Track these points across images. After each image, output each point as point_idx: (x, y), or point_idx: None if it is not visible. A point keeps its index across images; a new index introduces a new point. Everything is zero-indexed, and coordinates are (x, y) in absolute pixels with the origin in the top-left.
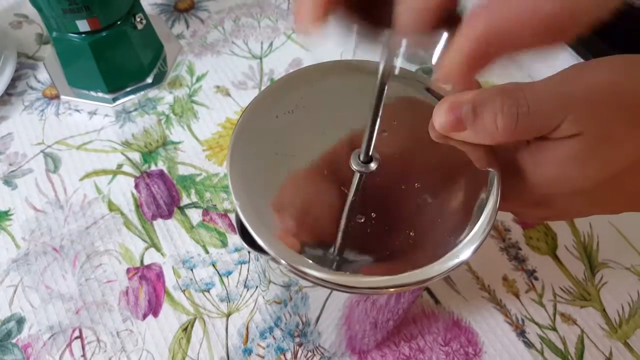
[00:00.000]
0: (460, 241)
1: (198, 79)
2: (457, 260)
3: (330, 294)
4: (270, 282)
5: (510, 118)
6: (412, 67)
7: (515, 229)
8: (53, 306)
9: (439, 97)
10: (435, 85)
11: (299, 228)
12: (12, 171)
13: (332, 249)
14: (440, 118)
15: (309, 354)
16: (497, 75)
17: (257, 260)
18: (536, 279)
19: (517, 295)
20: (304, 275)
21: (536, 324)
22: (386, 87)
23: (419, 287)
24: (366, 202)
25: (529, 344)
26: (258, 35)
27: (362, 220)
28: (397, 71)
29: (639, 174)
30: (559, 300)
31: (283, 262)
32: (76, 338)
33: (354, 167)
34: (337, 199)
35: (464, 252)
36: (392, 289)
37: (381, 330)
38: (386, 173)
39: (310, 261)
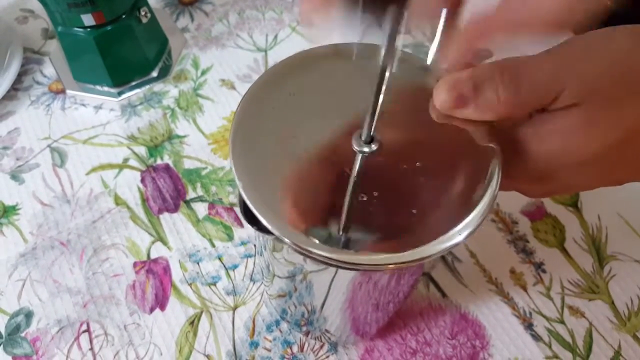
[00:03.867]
0: (461, 220)
1: (203, 73)
2: (455, 240)
3: (334, 277)
4: (274, 276)
5: (510, 92)
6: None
7: (523, 222)
8: (61, 300)
9: (438, 78)
10: (435, 64)
11: (301, 208)
12: (19, 166)
13: (335, 228)
14: (441, 97)
15: (316, 345)
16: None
17: (261, 255)
18: (544, 271)
19: (524, 288)
20: (307, 253)
21: (544, 317)
22: (388, 68)
23: (417, 266)
24: (368, 182)
25: (536, 337)
26: (263, 28)
27: (365, 200)
28: (398, 53)
29: (637, 142)
30: (567, 293)
31: (286, 240)
32: (84, 332)
33: (356, 147)
34: (339, 180)
35: (463, 232)
36: (391, 266)
37: (383, 313)
38: (387, 153)
39: (313, 239)
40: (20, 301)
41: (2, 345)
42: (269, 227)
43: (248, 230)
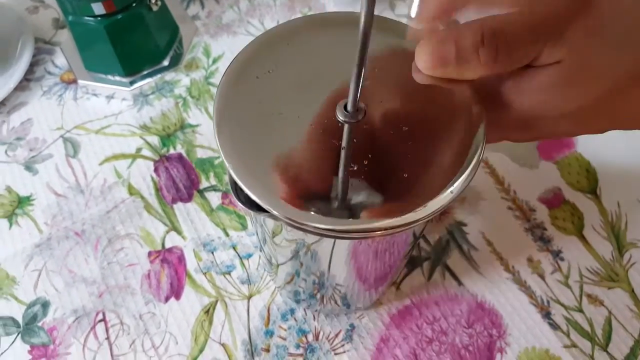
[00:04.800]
0: (449, 182)
1: (214, 61)
2: (447, 199)
3: (334, 242)
4: (278, 266)
5: (491, 50)
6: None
7: (541, 209)
8: (77, 290)
9: (419, 40)
10: (412, 32)
11: (292, 183)
12: (32, 157)
13: (328, 200)
14: (422, 58)
15: (331, 333)
16: None
17: (262, 250)
18: (562, 259)
19: (542, 277)
20: (300, 225)
21: (562, 305)
22: (370, 35)
23: (406, 230)
24: (357, 151)
25: (554, 326)
26: (274, 15)
27: (355, 169)
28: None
29: (618, 96)
30: (586, 281)
31: (277, 213)
32: (100, 321)
33: (341, 118)
34: (328, 151)
35: (449, 192)
36: (379, 232)
37: (381, 262)
38: (373, 120)
39: (305, 212)
40: (37, 291)
41: (20, 335)
42: (262, 204)
43: None
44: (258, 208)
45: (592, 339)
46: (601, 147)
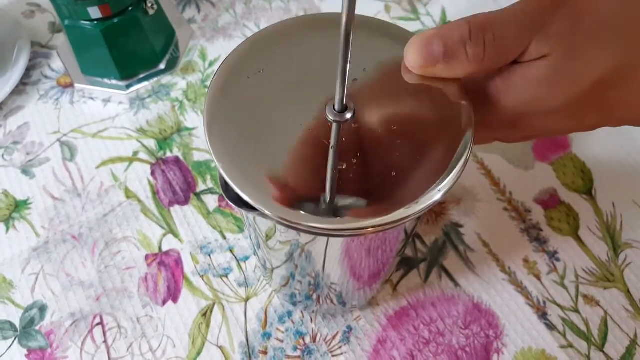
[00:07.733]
0: (438, 180)
1: (210, 64)
2: (436, 197)
3: (328, 240)
4: (272, 270)
5: (478, 46)
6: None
7: (536, 210)
8: (74, 293)
9: (405, 40)
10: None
11: (283, 182)
12: (29, 160)
13: (317, 198)
14: (411, 57)
15: (328, 335)
16: None
17: (255, 254)
18: (558, 260)
19: (538, 277)
20: (292, 224)
21: (558, 305)
22: (351, 34)
23: (396, 227)
24: (346, 150)
25: (550, 326)
26: (270, 18)
27: (345, 167)
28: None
29: (606, 90)
30: (582, 281)
31: (268, 212)
32: (97, 324)
33: (330, 117)
34: (318, 151)
35: (438, 192)
36: (370, 229)
37: (374, 258)
38: (362, 120)
39: (295, 211)
40: (34, 295)
41: (17, 339)
42: (252, 203)
43: None
44: (249, 207)
45: (588, 339)
46: (596, 148)
